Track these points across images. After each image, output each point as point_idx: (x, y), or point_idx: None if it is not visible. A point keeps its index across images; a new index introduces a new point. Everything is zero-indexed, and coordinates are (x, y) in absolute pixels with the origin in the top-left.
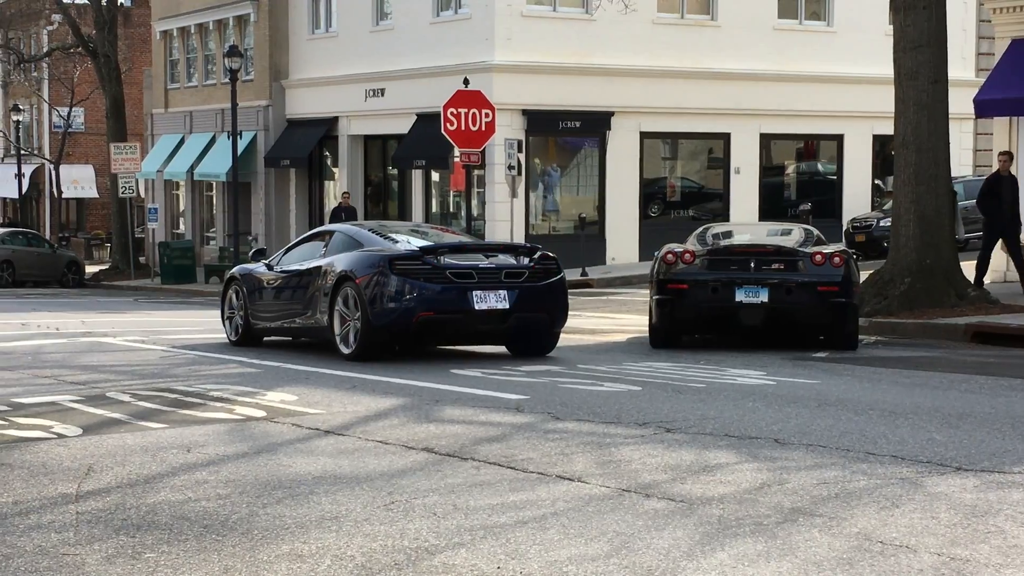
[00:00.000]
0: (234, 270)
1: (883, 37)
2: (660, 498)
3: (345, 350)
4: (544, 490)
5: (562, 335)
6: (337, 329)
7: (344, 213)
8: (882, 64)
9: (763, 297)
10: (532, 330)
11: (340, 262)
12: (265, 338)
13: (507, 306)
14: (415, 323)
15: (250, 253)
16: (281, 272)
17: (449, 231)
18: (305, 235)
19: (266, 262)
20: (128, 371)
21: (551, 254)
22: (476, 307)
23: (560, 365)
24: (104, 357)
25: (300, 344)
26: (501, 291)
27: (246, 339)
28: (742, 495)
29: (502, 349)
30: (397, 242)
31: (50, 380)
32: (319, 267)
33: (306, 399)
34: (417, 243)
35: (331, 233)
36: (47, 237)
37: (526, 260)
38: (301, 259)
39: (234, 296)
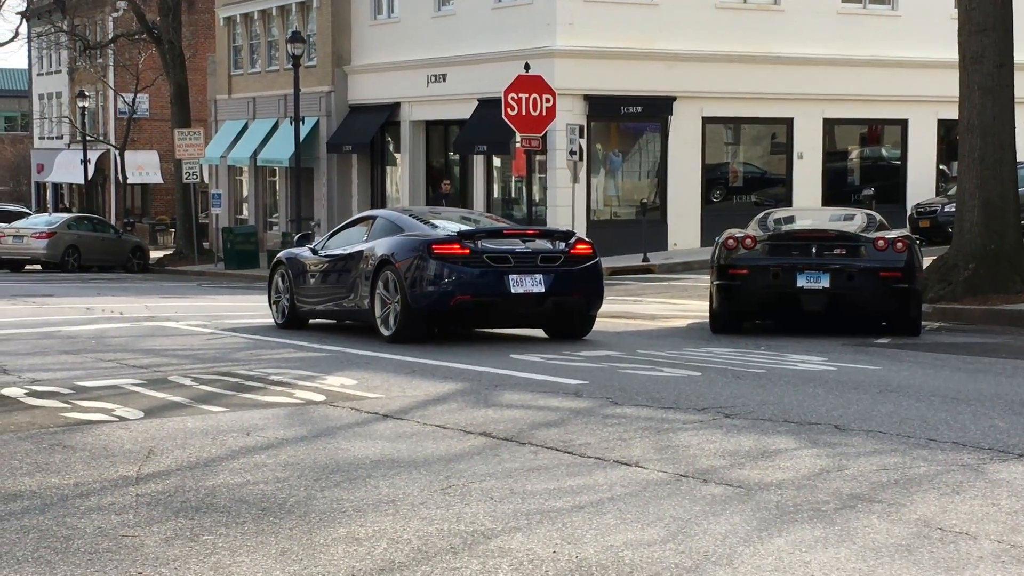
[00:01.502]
0: (280, 254)
1: (948, 20)
2: (718, 483)
3: (385, 332)
4: (601, 475)
5: (623, 320)
6: (378, 312)
7: (445, 200)
8: (947, 48)
9: (824, 283)
10: (568, 313)
11: (381, 247)
12: (311, 320)
13: (543, 290)
14: (452, 306)
15: (295, 238)
16: (325, 256)
17: (493, 218)
18: (350, 220)
19: (311, 247)
20: (190, 355)
21: (587, 239)
22: (512, 290)
23: (620, 350)
24: (166, 341)
25: (359, 329)
26: (537, 275)
27: (292, 322)
28: (801, 481)
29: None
30: (437, 227)
31: (113, 364)
32: (361, 251)
33: (366, 383)
34: (455, 228)
35: (374, 218)
36: (112, 223)
37: (562, 245)
38: (345, 244)
39: (280, 280)
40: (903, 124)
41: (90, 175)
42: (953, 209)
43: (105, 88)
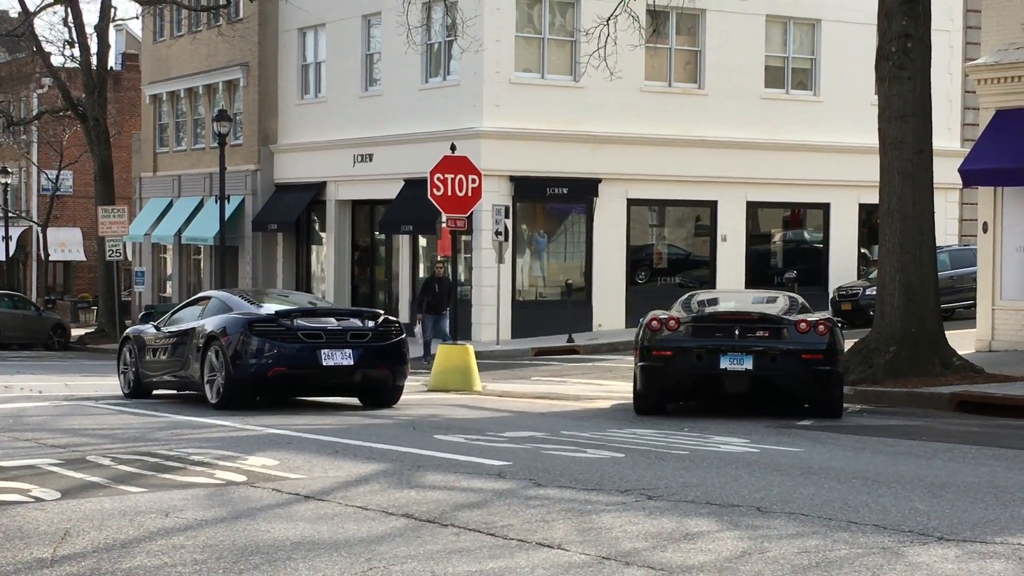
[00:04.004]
0: (128, 331)
1: (869, 107)
2: (640, 566)
3: (213, 400)
4: (523, 557)
5: (547, 401)
6: (206, 381)
7: (438, 285)
8: (868, 133)
9: (748, 364)
10: (376, 384)
11: (210, 323)
12: (155, 391)
13: (352, 363)
14: (271, 377)
15: (139, 316)
16: (165, 332)
17: (315, 299)
18: (188, 300)
19: (154, 324)
20: (109, 434)
21: (393, 318)
22: (324, 363)
23: (544, 431)
24: (86, 420)
25: (282, 405)
26: (347, 350)
27: (137, 391)
28: (722, 563)
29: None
30: (261, 307)
31: (30, 443)
32: (194, 328)
33: (287, 464)
34: (276, 307)
35: (209, 298)
36: (33, 300)
37: (371, 323)
38: (182, 321)
39: (127, 354)
40: (825, 208)
41: (11, 252)
42: (874, 292)
43: (28, 164)
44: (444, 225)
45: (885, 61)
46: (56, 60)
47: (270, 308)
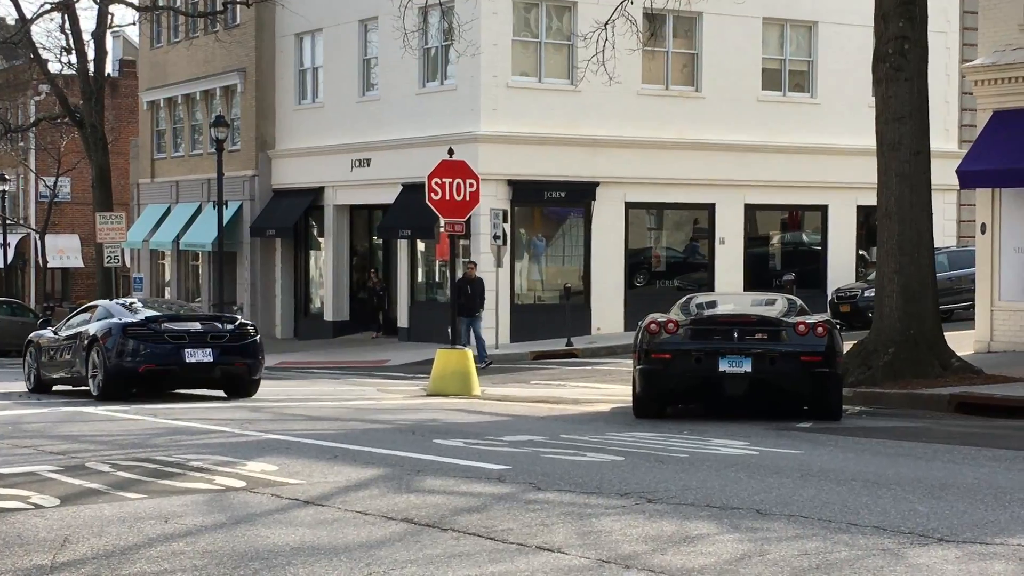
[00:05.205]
0: (31, 335)
1: (866, 108)
2: (640, 569)
3: (95, 392)
4: (523, 561)
5: (546, 405)
6: (89, 376)
7: (470, 287)
8: (865, 135)
9: (746, 367)
10: (235, 378)
11: (94, 328)
12: (54, 387)
13: (212, 360)
14: (142, 372)
15: (38, 322)
16: (59, 336)
17: (185, 307)
18: (81, 308)
19: (53, 329)
20: (108, 441)
21: (248, 322)
22: (188, 360)
23: (543, 435)
24: (85, 427)
25: (297, 413)
26: (207, 349)
27: (38, 387)
28: (722, 566)
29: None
30: (137, 314)
31: (29, 450)
32: (81, 332)
33: (287, 469)
34: (148, 314)
35: (96, 307)
36: (31, 307)
37: (229, 326)
38: (74, 326)
39: (29, 355)
40: (823, 210)
41: (9, 259)
42: (873, 294)
43: (26, 171)
44: (442, 230)
45: (882, 63)
46: (53, 67)
47: (144, 315)
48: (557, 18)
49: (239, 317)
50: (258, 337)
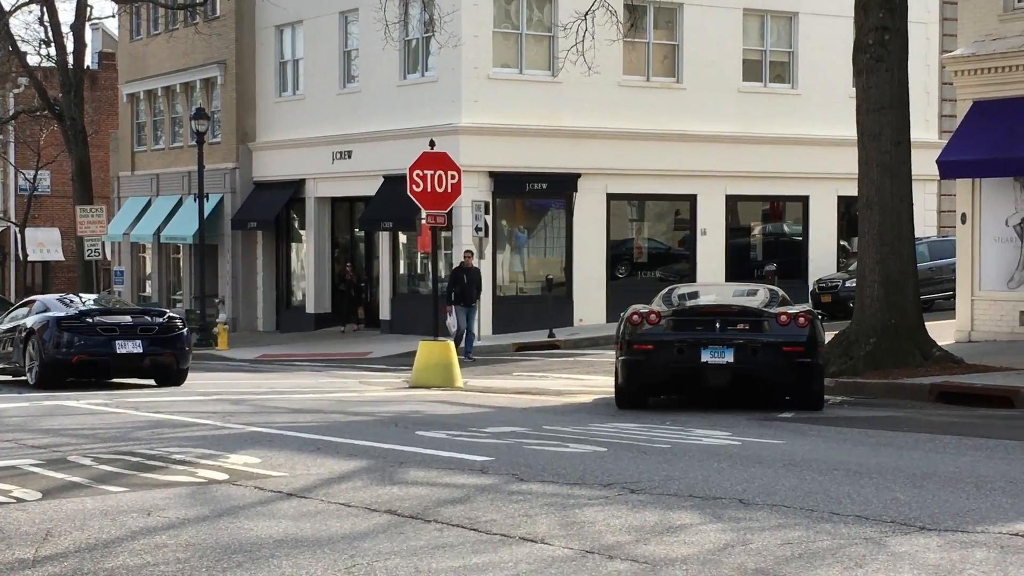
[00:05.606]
0: None
1: (847, 99)
2: (623, 559)
3: (31, 381)
4: (507, 552)
5: (529, 396)
6: (27, 367)
7: (466, 275)
8: (846, 126)
9: (728, 357)
10: (163, 368)
11: (31, 321)
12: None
13: (141, 351)
14: (75, 362)
15: None
16: (1, 329)
17: (116, 301)
18: (20, 303)
19: None
20: (90, 434)
21: (176, 315)
22: (119, 351)
23: (526, 427)
24: (66, 420)
25: (280, 405)
26: (137, 340)
27: None
28: (705, 556)
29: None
30: (71, 308)
31: (10, 444)
32: (19, 325)
33: (269, 462)
34: (81, 308)
35: (34, 301)
36: (12, 301)
37: (159, 319)
38: (13, 320)
39: None
40: (804, 200)
41: None
42: (854, 284)
43: (5, 164)
44: (424, 221)
45: (862, 53)
46: (32, 59)
47: (77, 309)
48: (538, 9)
49: (167, 311)
50: (185, 330)
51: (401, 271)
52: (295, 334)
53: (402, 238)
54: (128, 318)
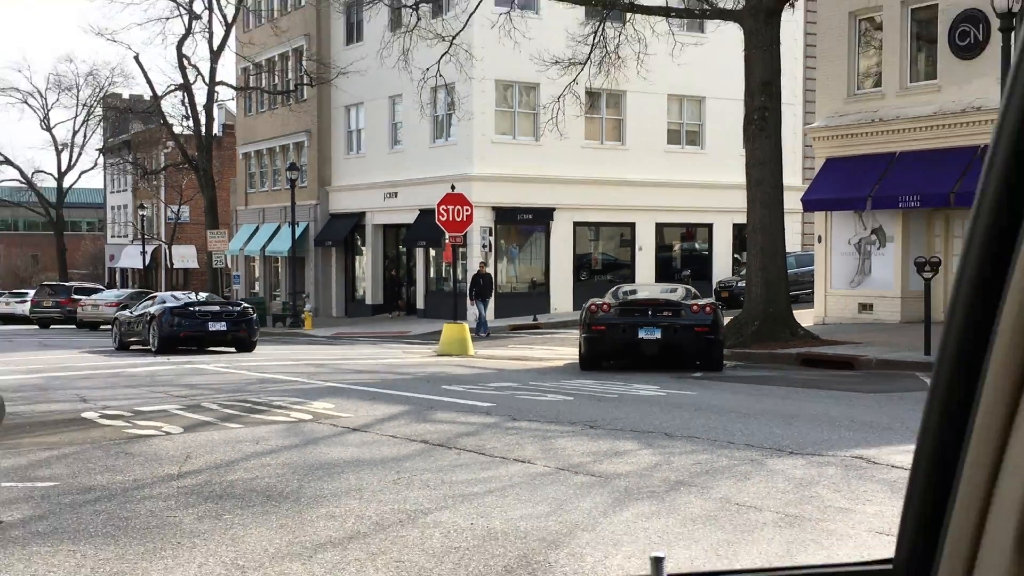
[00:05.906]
0: (115, 314)
1: (739, 157)
2: (584, 474)
3: (153, 349)
4: (504, 469)
5: (520, 362)
6: (151, 340)
7: (482, 279)
8: (738, 175)
9: (657, 335)
10: (241, 341)
11: (153, 309)
12: (131, 347)
13: (225, 329)
14: (182, 337)
15: (120, 306)
16: (133, 314)
17: (209, 296)
18: (148, 297)
19: (130, 310)
20: (217, 387)
21: (250, 307)
22: (211, 329)
23: (517, 383)
24: (200, 379)
25: (348, 367)
26: (223, 322)
27: (121, 347)
28: (641, 472)
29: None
30: (179, 300)
31: (161, 395)
32: (146, 312)
33: (341, 407)
34: (186, 300)
35: (156, 296)
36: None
37: (237, 309)
38: (143, 308)
39: (116, 327)
40: (709, 227)
41: (147, 263)
42: (744, 285)
43: (158, 201)
44: (447, 241)
45: (750, 125)
46: (177, 129)
47: (184, 301)
48: (526, 94)
49: (242, 303)
50: (255, 315)
51: (431, 275)
52: (358, 318)
53: (432, 253)
54: (216, 307)
